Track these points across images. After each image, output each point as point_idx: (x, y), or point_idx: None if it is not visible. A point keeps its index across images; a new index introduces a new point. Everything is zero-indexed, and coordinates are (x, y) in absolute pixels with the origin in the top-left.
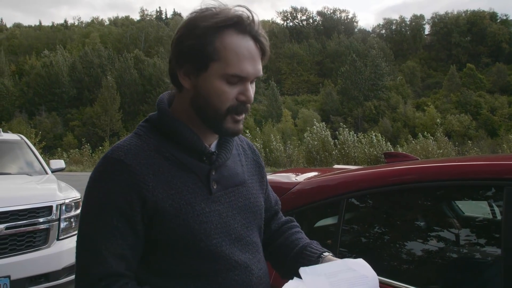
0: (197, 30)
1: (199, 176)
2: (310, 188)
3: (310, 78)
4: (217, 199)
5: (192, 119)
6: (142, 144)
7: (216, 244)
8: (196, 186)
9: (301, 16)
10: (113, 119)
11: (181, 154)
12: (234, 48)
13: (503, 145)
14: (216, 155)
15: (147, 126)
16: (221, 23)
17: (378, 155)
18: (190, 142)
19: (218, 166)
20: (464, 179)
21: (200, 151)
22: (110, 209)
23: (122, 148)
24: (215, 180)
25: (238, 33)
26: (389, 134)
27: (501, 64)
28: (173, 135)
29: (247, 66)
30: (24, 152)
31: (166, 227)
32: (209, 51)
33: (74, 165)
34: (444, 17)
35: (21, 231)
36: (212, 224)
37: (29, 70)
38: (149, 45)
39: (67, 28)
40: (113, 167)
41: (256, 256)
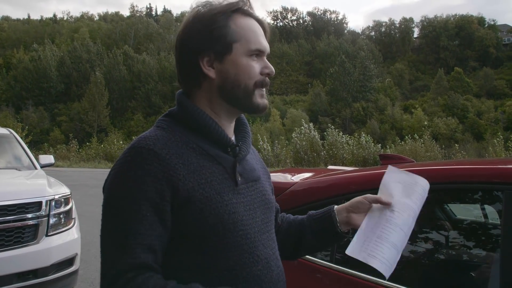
0: (211, 19)
1: (225, 167)
2: (307, 188)
3: (299, 78)
4: (242, 192)
5: (216, 112)
6: (168, 136)
7: (242, 236)
8: (223, 177)
9: (291, 16)
10: (100, 115)
11: (207, 145)
12: (249, 27)
13: (489, 148)
14: (239, 147)
15: (169, 120)
16: (229, 8)
17: (367, 157)
18: (216, 133)
19: (241, 158)
20: (464, 183)
21: (225, 143)
22: (140, 198)
23: (150, 138)
24: (240, 173)
25: (244, 15)
26: (377, 136)
27: (488, 68)
28: (199, 128)
29: (263, 41)
30: (13, 146)
31: (196, 217)
32: (228, 33)
33: (61, 161)
34: (433, 20)
35: (9, 226)
36: (238, 215)
37: (16, 64)
38: (139, 41)
39: (56, 23)
40: (143, 156)
41: (274, 253)
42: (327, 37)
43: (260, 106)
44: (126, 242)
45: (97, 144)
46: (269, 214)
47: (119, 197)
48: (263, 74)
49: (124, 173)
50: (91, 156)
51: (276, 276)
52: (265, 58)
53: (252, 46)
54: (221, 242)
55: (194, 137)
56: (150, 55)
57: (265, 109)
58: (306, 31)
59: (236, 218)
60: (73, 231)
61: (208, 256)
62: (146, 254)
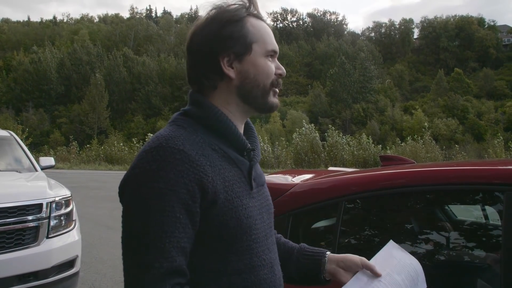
0: (229, 20)
1: (242, 171)
2: (308, 190)
3: (299, 79)
4: (255, 196)
5: (231, 114)
6: (191, 136)
7: (255, 239)
8: (241, 181)
9: (291, 18)
10: (101, 117)
11: (227, 148)
12: (263, 29)
13: (489, 149)
14: (254, 152)
15: (188, 120)
16: (244, 11)
17: (367, 158)
18: (235, 136)
19: (255, 163)
20: (464, 184)
21: (242, 147)
22: (173, 200)
23: (178, 138)
24: (254, 177)
25: (256, 18)
26: (377, 137)
27: (488, 69)
28: (219, 129)
29: (275, 43)
30: (13, 148)
31: (219, 220)
32: (246, 34)
33: (61, 163)
34: (433, 21)
35: (10, 228)
36: (253, 219)
37: (16, 66)
38: (139, 43)
39: (56, 25)
40: (174, 156)
41: (277, 257)
42: (327, 38)
43: (274, 105)
44: (161, 244)
45: (98, 146)
46: (272, 219)
47: (150, 197)
48: (277, 74)
49: (154, 172)
50: (91, 158)
51: (279, 281)
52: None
53: (269, 47)
54: (236, 245)
55: (214, 138)
56: (150, 57)
57: (277, 107)
58: (306, 32)
59: (251, 222)
60: (73, 233)
61: (220, 259)
62: (181, 257)
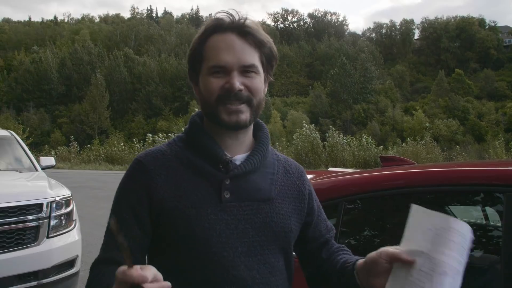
0: (195, 41)
1: (211, 182)
2: None
3: (299, 80)
4: (228, 209)
5: (217, 130)
6: (165, 150)
7: (216, 252)
8: (206, 192)
9: (291, 18)
10: (101, 117)
11: (198, 160)
12: (213, 45)
13: (490, 150)
14: (234, 164)
15: (180, 136)
16: (207, 32)
17: (368, 158)
18: (208, 148)
19: (235, 176)
20: (465, 185)
21: (216, 158)
22: (122, 202)
23: (146, 152)
24: (229, 190)
25: (219, 33)
26: (377, 138)
27: (489, 70)
28: (194, 143)
29: (225, 56)
30: (14, 148)
31: (170, 228)
32: (198, 55)
33: (62, 162)
34: (433, 22)
35: (10, 228)
36: (214, 231)
37: (17, 66)
38: (139, 43)
39: (56, 25)
40: (133, 166)
41: (266, 278)
42: (327, 38)
43: (225, 123)
44: (106, 239)
45: (98, 146)
46: (272, 238)
47: (114, 199)
48: (223, 89)
49: (121, 180)
50: (91, 158)
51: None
52: (234, 72)
53: (210, 63)
54: (192, 256)
55: (189, 152)
56: (150, 57)
57: (236, 125)
58: (306, 32)
59: (210, 234)
60: (74, 233)
61: (180, 265)
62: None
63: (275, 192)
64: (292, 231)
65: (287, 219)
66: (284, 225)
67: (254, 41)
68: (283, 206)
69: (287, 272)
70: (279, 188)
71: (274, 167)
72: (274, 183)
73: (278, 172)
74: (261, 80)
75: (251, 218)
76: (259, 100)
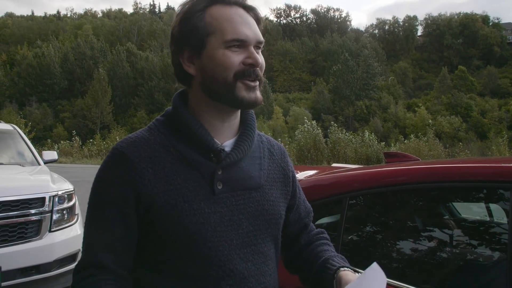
0: (186, 15)
1: (202, 174)
2: (311, 186)
3: (302, 76)
4: (221, 201)
5: (206, 113)
6: (149, 138)
7: (211, 247)
8: (198, 185)
9: (294, 14)
10: (104, 111)
11: (187, 150)
12: (226, 17)
13: (492, 147)
14: (225, 153)
15: (161, 120)
16: (205, 2)
17: (370, 154)
18: (198, 137)
19: (227, 165)
20: (469, 181)
21: (207, 147)
22: (104, 199)
23: (127, 140)
24: (221, 180)
25: (225, 5)
26: (380, 134)
27: (492, 67)
28: (182, 129)
29: (244, 29)
30: (17, 142)
31: (161, 224)
32: (201, 27)
33: (64, 157)
34: (437, 18)
35: (12, 222)
36: (209, 226)
37: (20, 60)
38: (142, 38)
39: (59, 19)
40: (114, 158)
41: (260, 268)
42: (330, 35)
43: (245, 100)
44: (89, 239)
45: (100, 140)
46: (264, 227)
47: (91, 195)
48: (246, 64)
49: (99, 173)
50: (93, 153)
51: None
52: (252, 47)
53: (228, 37)
54: (186, 252)
55: (176, 140)
56: (153, 52)
57: (255, 103)
58: (309, 28)
59: (205, 228)
60: (76, 227)
61: (176, 263)
62: (105, 254)
63: (264, 178)
64: (282, 216)
65: (276, 205)
66: (275, 211)
67: (257, 17)
68: (272, 192)
69: (276, 260)
70: (267, 174)
71: (260, 151)
72: (262, 168)
73: (264, 156)
74: None
75: (243, 208)
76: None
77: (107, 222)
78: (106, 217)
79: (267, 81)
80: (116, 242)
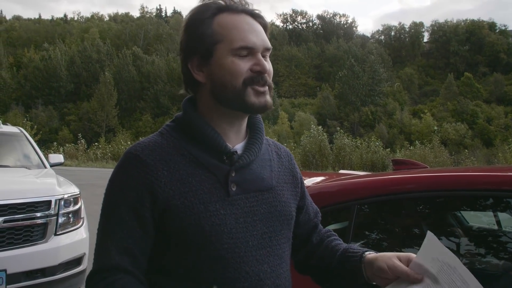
0: (194, 23)
1: (217, 176)
2: (319, 192)
3: (307, 81)
4: (235, 202)
5: (216, 118)
6: (162, 142)
7: (228, 249)
8: (213, 187)
9: (300, 19)
10: (109, 115)
11: (200, 153)
12: (233, 24)
13: (499, 154)
14: (237, 155)
15: (172, 125)
16: (213, 10)
17: (375, 161)
18: (211, 140)
19: (240, 167)
20: (476, 190)
21: (220, 150)
22: (121, 202)
23: (140, 144)
24: (235, 182)
25: (232, 13)
26: (385, 140)
27: (498, 74)
28: (194, 133)
29: (252, 37)
30: (23, 145)
31: (177, 226)
32: (209, 35)
33: (69, 160)
34: (443, 25)
35: (18, 225)
36: (226, 227)
37: (27, 63)
38: (148, 42)
39: (66, 23)
40: (129, 161)
41: (275, 270)
42: (336, 40)
43: (255, 105)
44: (105, 243)
45: (105, 144)
46: (278, 228)
47: (105, 199)
48: (254, 71)
49: (113, 177)
50: (99, 156)
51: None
52: (259, 55)
53: (236, 44)
54: (202, 254)
55: (189, 144)
56: (159, 56)
57: (265, 108)
58: (315, 34)
59: (221, 230)
60: (81, 231)
61: (191, 265)
62: (122, 257)
63: (275, 180)
64: (293, 217)
65: (288, 206)
66: (287, 212)
67: (264, 24)
68: (283, 193)
69: (289, 259)
70: (277, 175)
71: (269, 153)
72: (273, 170)
73: (273, 158)
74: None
75: (257, 209)
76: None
77: (124, 225)
78: (123, 220)
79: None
80: (134, 245)
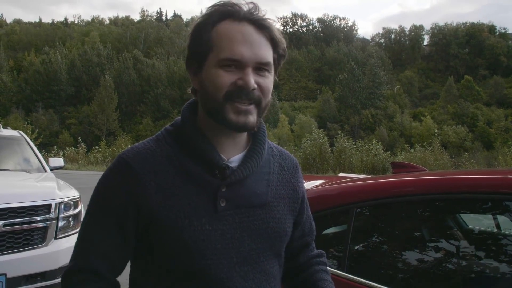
0: (198, 27)
1: (206, 190)
2: (319, 196)
3: (308, 84)
4: (223, 218)
5: (212, 127)
6: (155, 149)
7: (211, 265)
8: (200, 201)
9: (301, 23)
10: (109, 118)
11: (192, 165)
12: (227, 34)
13: (499, 157)
14: (230, 169)
15: (169, 130)
16: (217, 16)
17: (376, 164)
18: (202, 151)
19: (232, 182)
20: (476, 193)
21: (212, 163)
22: (104, 207)
23: (133, 150)
24: (225, 198)
25: (233, 21)
26: (385, 143)
27: (498, 77)
28: (186, 142)
29: (241, 49)
30: (23, 149)
31: (159, 239)
32: (205, 42)
33: (69, 163)
34: (443, 28)
35: (18, 228)
36: (210, 243)
37: (27, 67)
38: (149, 45)
39: (67, 26)
40: (119, 167)
41: (261, 286)
42: (336, 43)
43: (232, 123)
44: (84, 246)
45: (106, 147)
46: (268, 244)
47: (92, 199)
48: (237, 86)
49: (102, 179)
50: (99, 160)
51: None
52: (249, 69)
53: (221, 55)
54: (184, 268)
55: (182, 153)
56: (159, 60)
57: (242, 128)
58: (315, 37)
59: (204, 246)
60: None
61: (173, 279)
62: (99, 261)
63: (271, 195)
64: (287, 234)
65: (283, 222)
66: (280, 229)
67: (271, 37)
68: (279, 209)
69: (279, 275)
70: (275, 190)
71: (269, 165)
72: (270, 185)
73: (273, 171)
74: (272, 80)
75: (247, 225)
76: (267, 102)
77: (104, 230)
78: (104, 224)
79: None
80: (112, 250)
